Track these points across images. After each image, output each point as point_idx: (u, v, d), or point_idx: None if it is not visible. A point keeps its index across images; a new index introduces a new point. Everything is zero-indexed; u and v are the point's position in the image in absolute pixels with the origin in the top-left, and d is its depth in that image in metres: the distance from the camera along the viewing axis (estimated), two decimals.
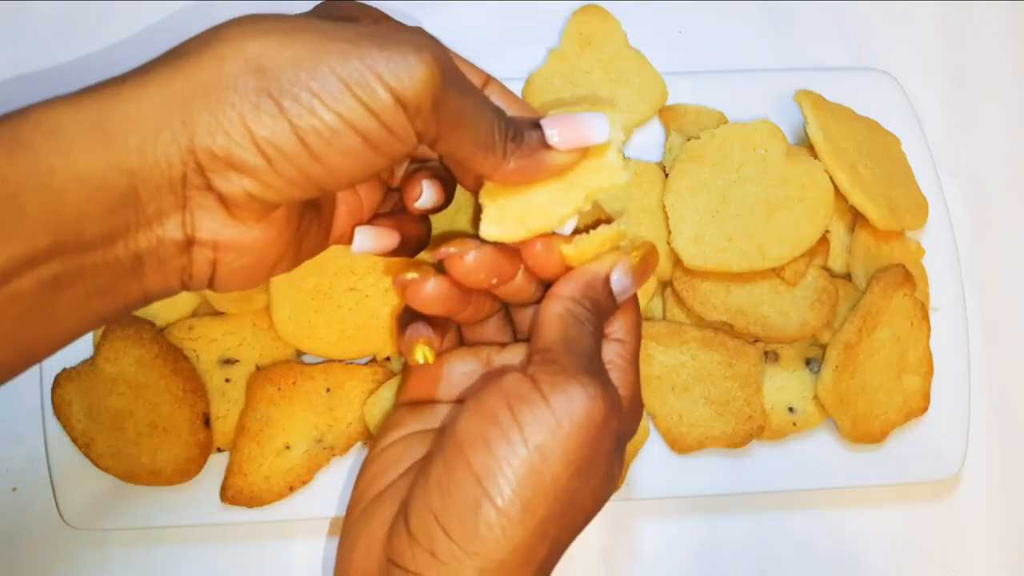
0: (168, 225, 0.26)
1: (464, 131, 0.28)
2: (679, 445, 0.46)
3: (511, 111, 0.31)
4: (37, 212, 0.23)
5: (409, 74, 0.25)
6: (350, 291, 0.44)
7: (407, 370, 0.37)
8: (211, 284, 0.29)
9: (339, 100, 0.25)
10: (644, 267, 0.33)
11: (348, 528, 0.32)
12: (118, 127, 0.24)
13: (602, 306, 0.32)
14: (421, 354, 0.33)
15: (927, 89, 0.55)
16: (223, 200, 0.26)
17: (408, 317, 0.34)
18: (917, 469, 0.47)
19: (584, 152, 0.31)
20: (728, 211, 0.46)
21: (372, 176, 0.28)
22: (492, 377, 0.30)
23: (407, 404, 0.36)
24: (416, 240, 0.35)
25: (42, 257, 0.24)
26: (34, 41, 0.54)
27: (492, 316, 0.36)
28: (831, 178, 0.46)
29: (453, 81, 0.27)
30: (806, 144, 0.48)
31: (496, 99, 0.32)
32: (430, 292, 0.32)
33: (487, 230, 0.31)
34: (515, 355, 0.35)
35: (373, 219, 0.35)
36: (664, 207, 0.46)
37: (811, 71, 0.52)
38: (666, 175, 0.47)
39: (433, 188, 0.33)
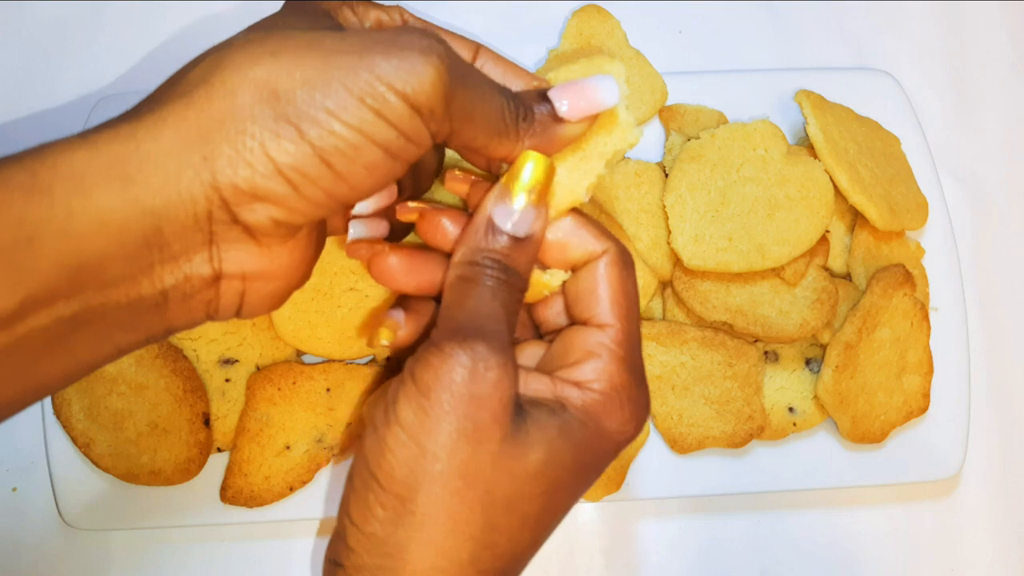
0: (195, 261, 0.26)
1: (476, 123, 0.28)
2: (679, 445, 0.46)
3: (508, 78, 0.31)
4: (55, 255, 0.23)
5: (418, 78, 0.25)
6: (350, 291, 0.44)
7: None
8: (238, 314, 0.28)
9: (356, 115, 0.25)
10: (534, 186, 0.29)
11: None
12: (138, 169, 0.24)
13: (502, 252, 0.29)
14: (382, 336, 0.32)
15: (927, 89, 0.56)
16: (249, 231, 0.26)
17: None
18: (917, 469, 0.47)
19: (595, 118, 0.30)
20: (728, 211, 0.46)
21: (389, 184, 0.28)
22: None
23: None
24: (402, 226, 0.35)
25: (61, 295, 0.24)
26: (34, 41, 0.54)
27: None
28: (831, 178, 0.46)
29: (460, 76, 0.27)
30: (806, 144, 0.48)
31: (491, 68, 0.32)
32: (404, 337, 0.32)
33: None
34: (532, 352, 0.32)
35: None
36: (664, 207, 0.46)
37: (811, 71, 0.52)
38: (666, 175, 0.47)
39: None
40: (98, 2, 0.54)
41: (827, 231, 0.47)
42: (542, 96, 0.29)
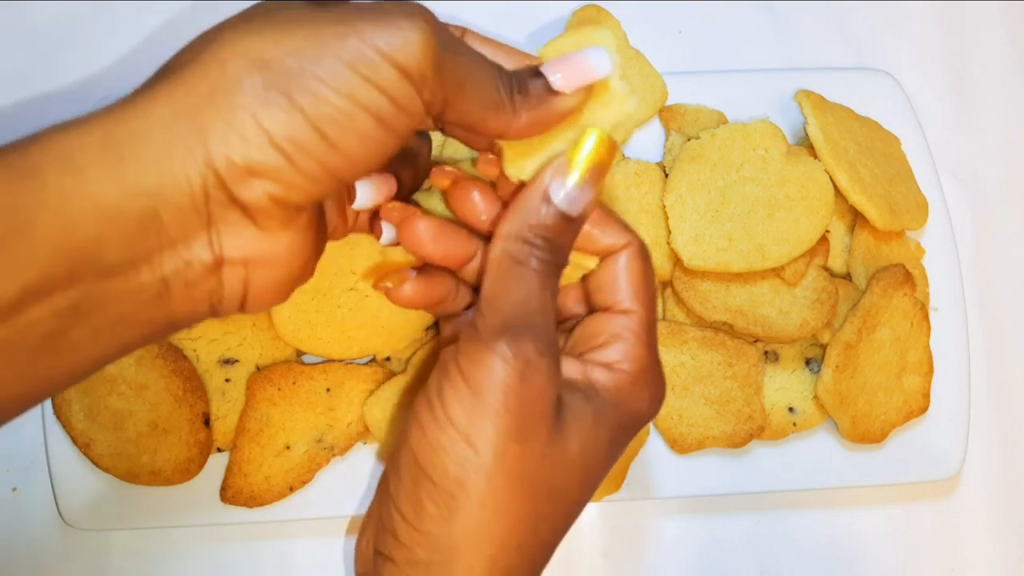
0: (195, 246, 0.25)
1: (469, 92, 0.27)
2: (679, 445, 0.46)
3: (498, 57, 0.31)
4: (51, 241, 0.23)
5: (407, 43, 0.25)
6: (350, 291, 0.44)
7: None
8: (242, 305, 0.28)
9: (346, 82, 0.25)
10: (594, 165, 0.29)
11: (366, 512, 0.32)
12: (130, 147, 0.24)
13: (552, 231, 0.29)
14: (388, 279, 0.32)
15: (927, 89, 0.56)
16: (248, 211, 0.26)
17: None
18: (917, 469, 0.47)
19: (591, 89, 0.30)
20: (728, 211, 0.46)
21: (385, 160, 0.28)
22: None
23: None
24: (411, 181, 0.35)
25: (59, 285, 0.23)
26: (34, 41, 0.54)
27: None
28: (831, 178, 0.46)
29: (448, 43, 0.27)
30: (806, 144, 0.48)
31: (480, 48, 0.31)
32: (409, 293, 0.32)
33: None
34: None
35: None
36: (664, 207, 0.46)
37: (811, 71, 0.52)
38: (666, 175, 0.47)
39: (369, 188, 0.32)
40: (98, 1, 0.54)
41: (827, 231, 0.47)
42: (535, 72, 0.29)
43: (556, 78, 0.29)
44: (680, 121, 0.50)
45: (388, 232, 0.33)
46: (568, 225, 0.30)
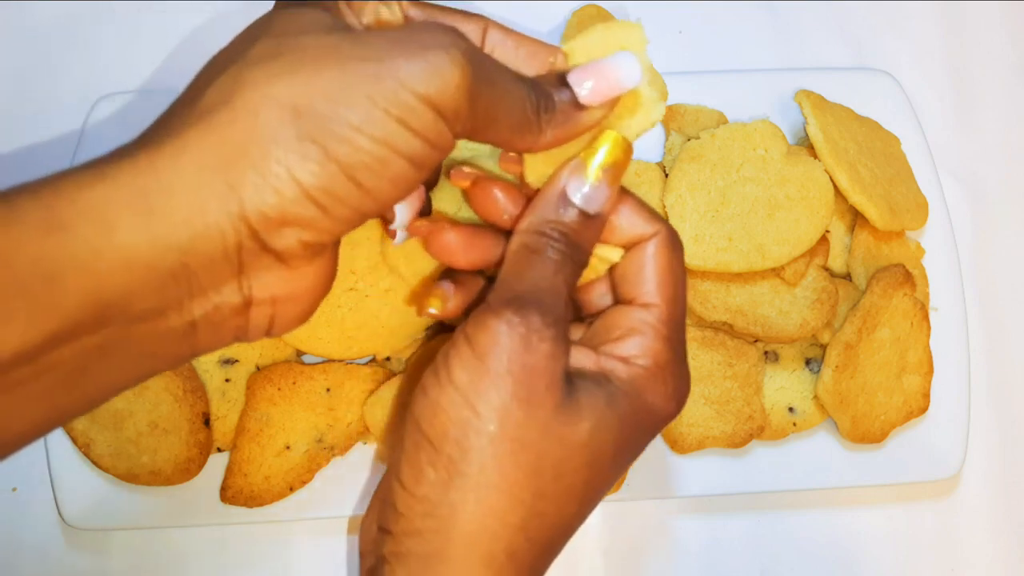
0: (224, 291, 0.25)
1: (499, 121, 0.27)
2: (679, 445, 0.46)
3: (521, 56, 0.30)
4: (79, 292, 0.23)
5: (443, 79, 0.24)
6: (350, 291, 0.44)
7: None
8: (267, 333, 0.28)
9: (381, 127, 0.24)
10: (610, 166, 0.29)
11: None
12: (160, 203, 0.23)
13: (570, 227, 0.29)
14: (431, 305, 0.32)
15: (927, 89, 0.56)
16: (279, 256, 0.25)
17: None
18: (917, 469, 0.47)
19: (617, 99, 0.29)
20: (728, 211, 0.46)
21: (411, 192, 0.27)
22: None
23: None
24: (431, 182, 0.35)
25: (85, 331, 0.23)
26: (34, 41, 0.54)
27: None
28: (831, 178, 0.46)
29: (483, 73, 0.26)
30: (806, 144, 0.48)
31: (503, 47, 0.30)
32: (452, 308, 0.32)
33: None
34: (572, 332, 0.32)
35: None
36: (664, 207, 0.46)
37: (811, 71, 0.52)
38: (666, 175, 0.47)
39: (405, 207, 0.32)
40: (98, 1, 0.54)
41: (827, 231, 0.47)
42: (561, 80, 0.29)
43: (584, 89, 0.28)
44: (680, 121, 0.50)
45: (401, 235, 0.33)
46: (587, 222, 0.29)
